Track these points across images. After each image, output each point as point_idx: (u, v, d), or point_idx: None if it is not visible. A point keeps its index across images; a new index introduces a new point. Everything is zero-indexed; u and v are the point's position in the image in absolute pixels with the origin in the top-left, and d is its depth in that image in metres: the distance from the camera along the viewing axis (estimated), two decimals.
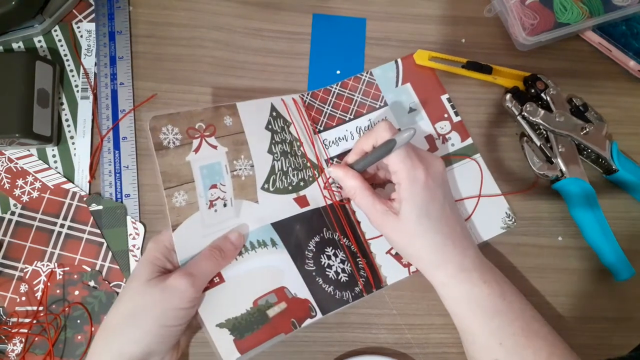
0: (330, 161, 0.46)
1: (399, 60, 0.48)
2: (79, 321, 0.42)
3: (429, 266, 0.39)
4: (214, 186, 0.39)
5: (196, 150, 0.38)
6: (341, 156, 0.46)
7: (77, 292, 0.43)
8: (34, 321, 0.42)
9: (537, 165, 0.44)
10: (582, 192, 0.44)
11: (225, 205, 0.39)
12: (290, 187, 0.43)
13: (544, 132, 0.45)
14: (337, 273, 0.42)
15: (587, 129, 0.44)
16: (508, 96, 0.46)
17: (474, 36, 0.49)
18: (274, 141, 0.43)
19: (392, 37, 0.49)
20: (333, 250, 0.42)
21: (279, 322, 0.38)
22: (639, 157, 0.47)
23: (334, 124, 0.46)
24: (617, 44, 0.48)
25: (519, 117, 0.45)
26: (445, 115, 0.47)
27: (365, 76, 0.47)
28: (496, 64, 0.47)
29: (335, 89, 0.47)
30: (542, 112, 0.45)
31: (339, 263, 0.42)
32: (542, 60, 0.49)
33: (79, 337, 0.42)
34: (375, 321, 0.44)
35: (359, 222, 0.45)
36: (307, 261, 0.41)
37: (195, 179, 0.38)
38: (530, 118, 0.45)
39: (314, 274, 0.41)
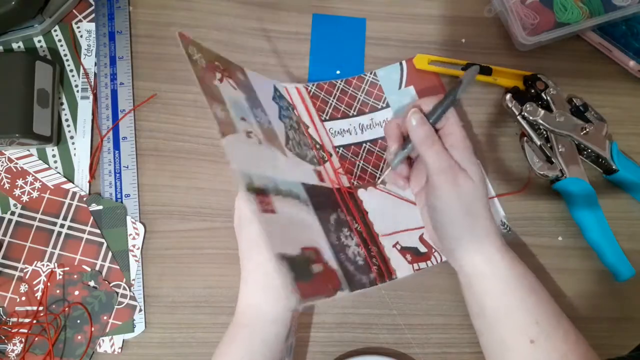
0: (336, 150, 0.45)
1: (404, 63, 0.47)
2: (79, 321, 0.42)
3: (481, 235, 0.37)
4: (243, 119, 0.35)
5: (220, 80, 0.35)
6: (347, 147, 0.45)
7: (77, 292, 0.43)
8: (34, 321, 0.42)
9: (537, 165, 0.44)
10: (582, 192, 0.44)
11: (260, 142, 0.35)
12: (307, 158, 0.41)
13: (544, 132, 0.45)
14: (354, 254, 0.39)
15: (587, 129, 0.44)
16: (508, 96, 0.46)
17: (474, 36, 0.49)
18: (281, 112, 0.41)
19: (392, 37, 0.49)
20: (348, 232, 0.40)
21: (320, 282, 0.33)
22: (639, 157, 0.47)
23: (339, 116, 0.46)
24: (617, 44, 0.48)
25: (519, 117, 0.45)
26: None
27: (369, 76, 0.47)
28: (496, 64, 0.47)
29: (340, 84, 0.47)
30: (542, 112, 0.44)
31: (355, 245, 0.40)
32: (542, 60, 0.49)
33: (79, 337, 0.42)
34: (375, 321, 0.44)
35: (366, 212, 0.43)
36: (329, 234, 0.38)
37: (226, 103, 0.34)
38: (530, 118, 0.45)
39: (337, 248, 0.38)
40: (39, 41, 0.47)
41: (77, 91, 0.47)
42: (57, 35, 0.47)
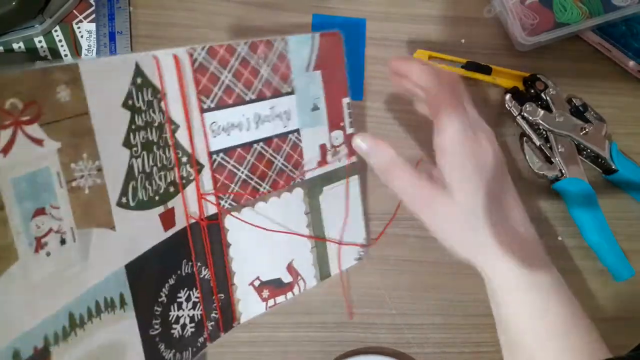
0: (212, 157, 0.33)
1: (317, 36, 0.36)
2: None
3: (489, 251, 0.31)
4: (40, 211, 0.24)
5: (4, 151, 0.22)
6: (230, 151, 0.34)
7: None
8: None
9: (536, 165, 0.44)
10: (582, 192, 0.44)
11: (63, 242, 0.25)
12: (157, 197, 0.30)
13: (544, 132, 0.45)
14: (183, 327, 0.33)
15: (587, 129, 0.44)
16: (508, 96, 0.46)
17: (473, 36, 0.49)
18: (134, 126, 0.29)
19: (392, 37, 0.49)
20: (187, 293, 0.33)
21: None
22: (639, 157, 0.47)
23: (231, 102, 0.34)
24: (617, 44, 0.48)
25: (518, 118, 0.45)
26: (341, 124, 0.39)
27: (279, 43, 0.35)
28: (496, 64, 0.47)
29: (242, 49, 0.33)
30: (542, 112, 0.45)
31: (189, 310, 0.34)
32: (542, 61, 0.49)
33: None
34: (375, 321, 0.44)
35: (228, 245, 0.36)
36: (153, 323, 0.31)
37: (5, 204, 0.22)
38: (530, 118, 0.45)
39: (157, 339, 0.31)
40: (40, 41, 0.47)
41: None
42: (57, 36, 0.47)
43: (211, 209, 0.34)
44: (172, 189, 0.31)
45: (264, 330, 0.43)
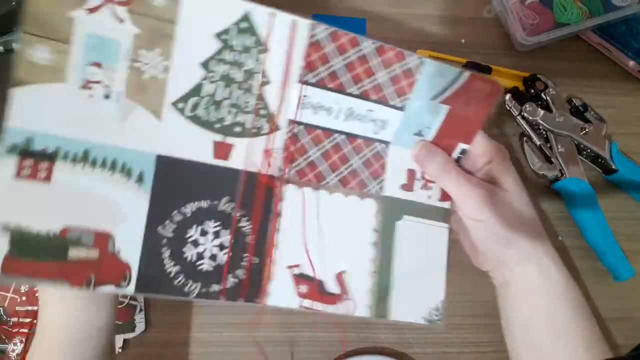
0: (293, 125, 0.33)
1: (466, 75, 0.34)
2: None
3: (541, 248, 0.34)
4: (98, 64, 0.28)
5: (91, 10, 0.28)
6: (311, 128, 0.34)
7: None
8: (35, 321, 0.42)
9: (536, 165, 0.44)
10: (582, 192, 0.44)
11: (107, 97, 0.29)
12: (217, 125, 0.31)
13: (544, 132, 0.45)
14: (199, 256, 0.32)
15: (587, 129, 0.44)
16: (508, 96, 0.46)
17: (473, 36, 0.49)
18: (219, 57, 0.31)
19: (392, 37, 0.49)
20: (217, 228, 0.32)
21: (74, 269, 0.29)
22: (639, 157, 0.47)
23: (332, 86, 0.33)
24: (617, 44, 0.48)
25: (518, 118, 0.45)
26: None
27: (412, 61, 0.34)
28: (496, 64, 0.47)
29: (367, 46, 0.33)
30: (542, 112, 0.45)
31: (213, 246, 0.32)
32: (542, 61, 0.49)
33: None
34: (375, 321, 0.44)
35: (278, 214, 0.33)
36: (166, 223, 0.31)
37: (72, 43, 0.28)
38: (530, 118, 0.45)
39: (163, 242, 0.31)
40: None
41: None
42: None
43: (272, 169, 0.34)
44: (237, 129, 0.32)
45: (264, 330, 0.43)
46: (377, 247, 0.36)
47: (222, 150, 0.32)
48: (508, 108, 0.46)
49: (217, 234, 0.32)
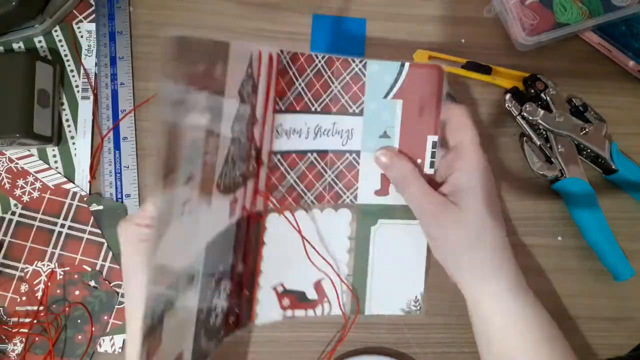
0: (271, 157, 0.34)
1: (406, 66, 0.35)
2: (79, 321, 0.42)
3: (488, 271, 0.32)
4: (189, 179, 0.25)
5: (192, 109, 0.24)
6: (286, 155, 0.35)
7: (77, 292, 0.43)
8: (35, 321, 0.42)
9: (536, 165, 0.44)
10: (582, 192, 0.44)
11: (190, 212, 0.26)
12: (232, 186, 0.31)
13: (544, 132, 0.45)
14: (216, 316, 0.33)
15: (587, 129, 0.44)
16: (508, 96, 0.46)
17: (473, 36, 0.49)
18: (237, 114, 0.29)
19: (392, 37, 0.49)
20: (225, 284, 0.33)
21: None
22: (639, 157, 0.47)
23: (298, 108, 0.35)
24: (617, 44, 0.48)
25: (518, 118, 0.45)
26: (419, 161, 0.36)
27: (357, 65, 0.35)
28: (496, 64, 0.47)
29: (319, 62, 0.34)
30: (542, 112, 0.45)
31: (223, 300, 0.33)
32: (542, 61, 0.49)
33: (79, 337, 0.42)
34: (375, 321, 0.44)
35: (264, 244, 0.36)
36: (204, 307, 0.31)
37: (178, 165, 0.24)
38: (530, 118, 0.45)
39: (199, 325, 0.31)
40: (40, 41, 0.47)
41: (78, 91, 0.47)
42: (57, 36, 0.47)
43: (258, 206, 0.35)
44: (238, 180, 0.32)
45: (264, 330, 0.43)
46: (352, 252, 0.38)
47: (233, 207, 0.32)
48: (508, 108, 0.46)
49: (225, 289, 0.33)
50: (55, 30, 0.48)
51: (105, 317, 0.42)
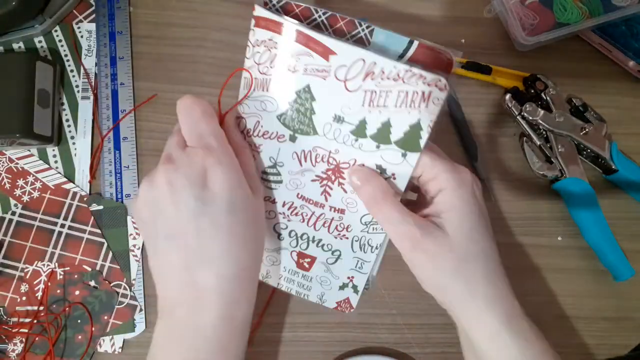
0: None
1: (415, 43, 0.31)
2: (79, 321, 0.42)
3: (481, 303, 0.29)
4: None
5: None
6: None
7: (77, 292, 0.43)
8: (35, 321, 0.42)
9: (536, 165, 0.44)
10: (582, 192, 0.44)
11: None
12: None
13: (544, 132, 0.45)
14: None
15: (587, 129, 0.44)
16: (508, 96, 0.46)
17: (473, 36, 0.49)
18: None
19: None
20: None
21: None
22: (639, 157, 0.47)
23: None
24: (617, 44, 0.48)
25: (518, 117, 0.45)
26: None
27: (363, 30, 0.32)
28: (496, 64, 0.47)
29: (319, 17, 0.32)
30: (542, 112, 0.45)
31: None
32: (542, 61, 0.49)
33: (79, 337, 0.42)
34: (375, 321, 0.44)
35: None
36: None
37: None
38: (530, 118, 0.45)
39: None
40: (40, 41, 0.47)
41: (78, 91, 0.47)
42: (57, 36, 0.47)
43: None
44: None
45: (264, 330, 0.43)
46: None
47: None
48: (508, 108, 0.46)
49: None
50: (55, 30, 0.48)
51: (105, 317, 0.42)
